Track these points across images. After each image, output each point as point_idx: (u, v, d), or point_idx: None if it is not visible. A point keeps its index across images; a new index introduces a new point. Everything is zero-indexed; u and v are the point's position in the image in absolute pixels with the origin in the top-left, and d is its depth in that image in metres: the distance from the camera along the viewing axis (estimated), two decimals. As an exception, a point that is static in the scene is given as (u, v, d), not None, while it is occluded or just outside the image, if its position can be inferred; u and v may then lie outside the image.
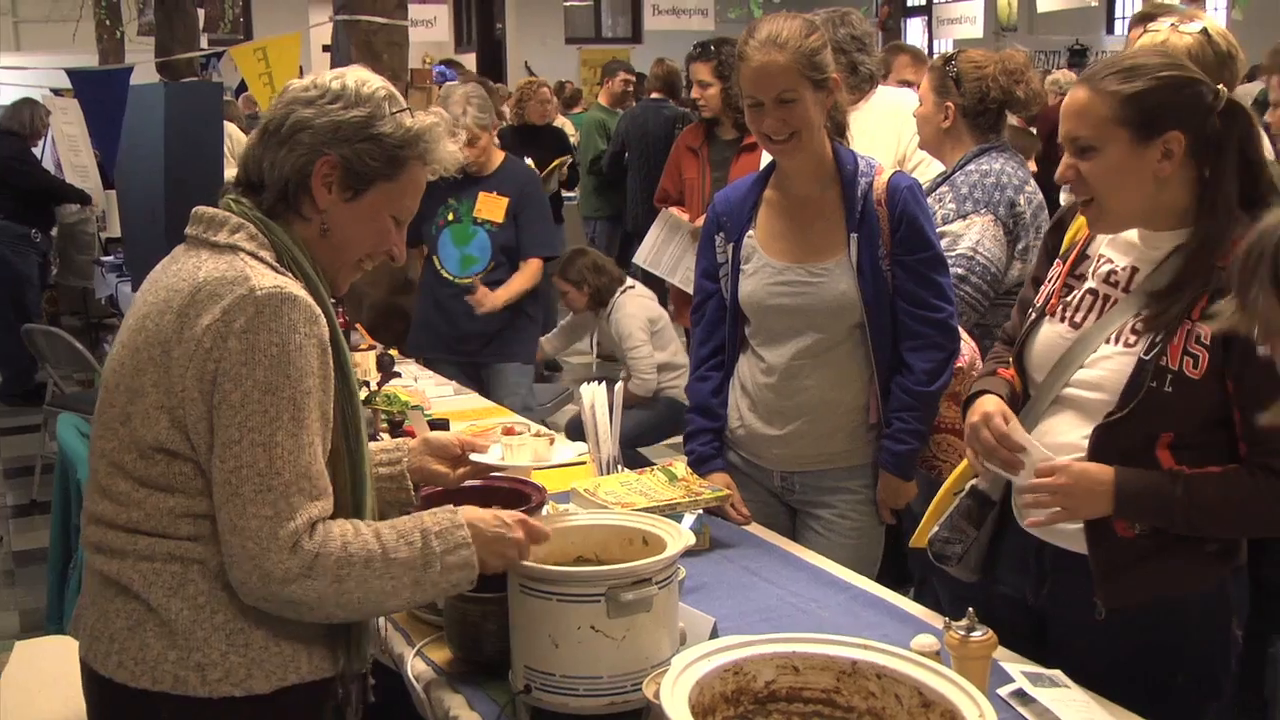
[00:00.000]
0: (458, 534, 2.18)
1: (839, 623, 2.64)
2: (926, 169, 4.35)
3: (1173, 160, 2.39)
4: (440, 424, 4.01)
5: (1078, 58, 18.00)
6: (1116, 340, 2.46)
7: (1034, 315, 2.65)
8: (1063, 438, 2.51)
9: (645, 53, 19.03)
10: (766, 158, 3.35)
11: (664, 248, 5.67)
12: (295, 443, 2.06)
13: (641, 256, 5.96)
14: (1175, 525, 2.39)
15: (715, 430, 3.39)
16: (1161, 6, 3.98)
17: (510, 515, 2.28)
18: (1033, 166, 5.72)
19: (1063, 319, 2.57)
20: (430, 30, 17.43)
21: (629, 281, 6.37)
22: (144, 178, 6.80)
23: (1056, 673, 2.37)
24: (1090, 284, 2.56)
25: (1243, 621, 2.54)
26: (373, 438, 2.93)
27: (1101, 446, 2.44)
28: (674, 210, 6.01)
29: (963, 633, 2.28)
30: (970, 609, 2.31)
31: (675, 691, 1.85)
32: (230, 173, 2.29)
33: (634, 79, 11.42)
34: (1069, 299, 2.58)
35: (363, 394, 3.61)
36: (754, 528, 3.25)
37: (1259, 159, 2.44)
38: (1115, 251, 2.56)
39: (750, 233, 3.29)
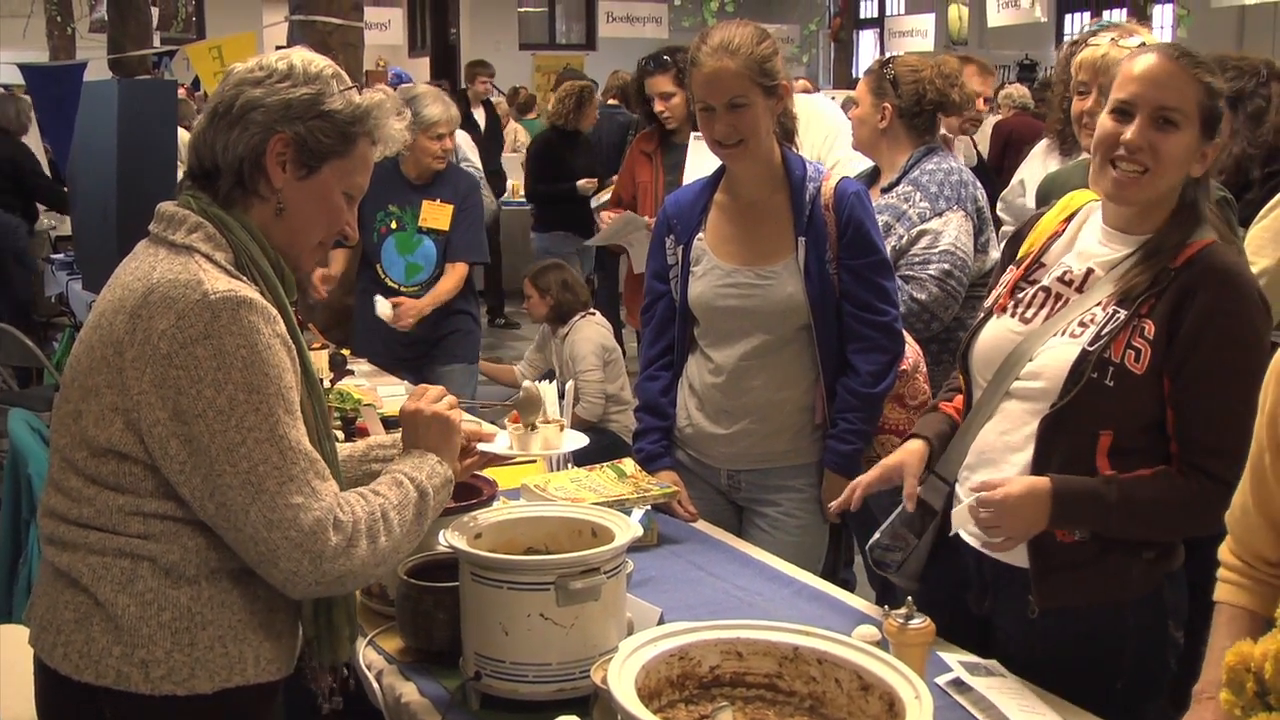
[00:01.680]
0: (427, 460, 2.28)
1: (782, 615, 2.67)
2: (843, 170, 4.44)
3: (1205, 162, 2.48)
4: (394, 421, 4.03)
5: (1027, 72, 18.18)
6: (1064, 334, 2.50)
7: (982, 315, 2.70)
8: (1007, 436, 2.56)
9: (599, 60, 19.10)
10: (715, 161, 3.40)
11: (618, 235, 5.69)
12: (296, 432, 2.08)
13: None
14: (1110, 529, 2.44)
15: (664, 429, 3.44)
16: (1104, 28, 4.08)
17: (406, 419, 2.36)
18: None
19: (1013, 314, 2.61)
20: (384, 33, 17.44)
21: (591, 309, 6.40)
22: (96, 175, 6.73)
23: (993, 663, 2.44)
24: (1044, 283, 2.61)
25: (1181, 623, 2.58)
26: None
27: (1046, 444, 2.47)
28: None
29: (901, 620, 2.34)
30: (909, 598, 2.37)
31: (622, 675, 1.90)
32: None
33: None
34: (1020, 296, 2.63)
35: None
36: (701, 524, 3.31)
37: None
38: (1074, 260, 2.60)
39: (700, 235, 3.35)
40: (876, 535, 2.79)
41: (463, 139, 10.42)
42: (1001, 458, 2.56)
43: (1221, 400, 2.38)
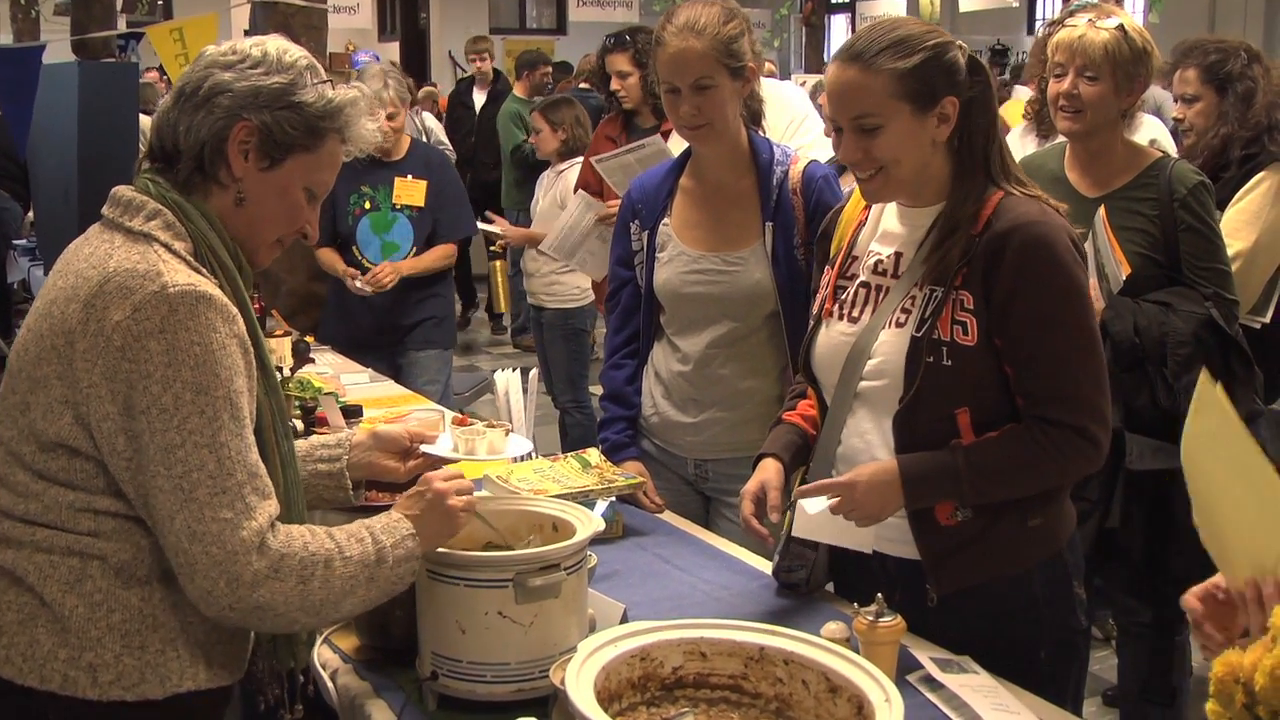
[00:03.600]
0: (401, 527, 2.14)
1: (749, 610, 2.63)
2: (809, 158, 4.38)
3: (948, 123, 2.44)
4: (354, 410, 3.96)
5: (999, 57, 18.16)
6: (891, 325, 2.49)
7: (811, 323, 2.68)
8: (869, 436, 2.54)
9: (570, 44, 18.99)
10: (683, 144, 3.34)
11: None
12: (240, 442, 2.00)
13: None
14: (966, 495, 2.43)
15: (629, 418, 3.38)
16: (1081, 8, 4.04)
17: (424, 489, 2.22)
18: None
19: (840, 317, 2.59)
20: (352, 17, 17.30)
21: None
22: (57, 159, 6.65)
23: (965, 659, 2.38)
24: (862, 278, 2.59)
25: (1082, 580, 2.59)
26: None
27: (904, 439, 2.46)
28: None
29: (871, 618, 2.28)
30: (879, 594, 2.31)
31: (580, 678, 1.84)
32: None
33: (551, 70, 11.35)
34: (843, 297, 2.61)
35: (275, 379, 3.55)
36: (667, 515, 3.24)
37: (993, 117, 2.49)
38: (881, 244, 2.59)
39: (665, 220, 3.28)
40: (776, 559, 2.75)
41: (434, 124, 10.32)
42: (867, 460, 2.52)
43: (1049, 347, 2.40)
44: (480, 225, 6.59)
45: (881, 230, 2.61)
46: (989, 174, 2.46)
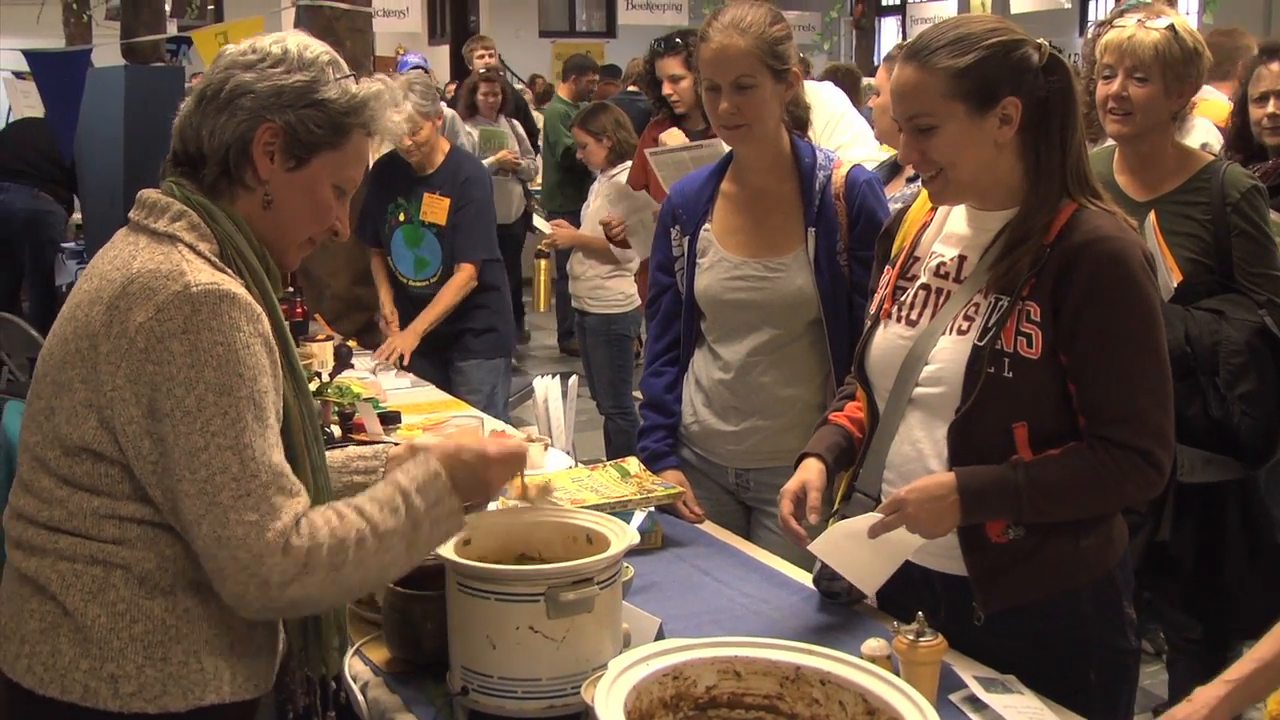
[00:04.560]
0: (437, 484, 2.08)
1: (789, 624, 2.59)
2: (844, 158, 4.33)
3: (1011, 124, 2.36)
4: (392, 416, 3.93)
5: (1051, 59, 18.04)
6: (951, 331, 2.42)
7: (869, 323, 2.61)
8: (920, 444, 2.47)
9: (619, 47, 18.99)
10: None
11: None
12: (264, 442, 1.95)
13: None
14: (1024, 514, 2.36)
15: (669, 427, 3.33)
16: (1131, 8, 3.96)
17: (478, 444, 2.18)
18: None
19: (899, 319, 2.53)
20: (402, 21, 17.33)
21: None
22: (103, 162, 6.70)
23: (1010, 678, 2.32)
24: (922, 280, 2.52)
25: (1131, 600, 2.53)
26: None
27: (958, 450, 2.40)
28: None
29: (911, 637, 2.22)
30: (920, 613, 2.26)
31: (611, 697, 1.79)
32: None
33: (597, 79, 11.34)
34: (902, 299, 2.54)
35: (313, 385, 3.53)
36: (707, 526, 3.19)
37: (1073, 122, 2.40)
38: (945, 246, 2.53)
39: (707, 226, 3.23)
40: (818, 568, 2.68)
41: (523, 132, 10.24)
42: (918, 470, 2.46)
43: (1118, 367, 2.33)
44: (536, 222, 6.53)
45: (946, 231, 2.55)
46: (1064, 182, 2.38)
